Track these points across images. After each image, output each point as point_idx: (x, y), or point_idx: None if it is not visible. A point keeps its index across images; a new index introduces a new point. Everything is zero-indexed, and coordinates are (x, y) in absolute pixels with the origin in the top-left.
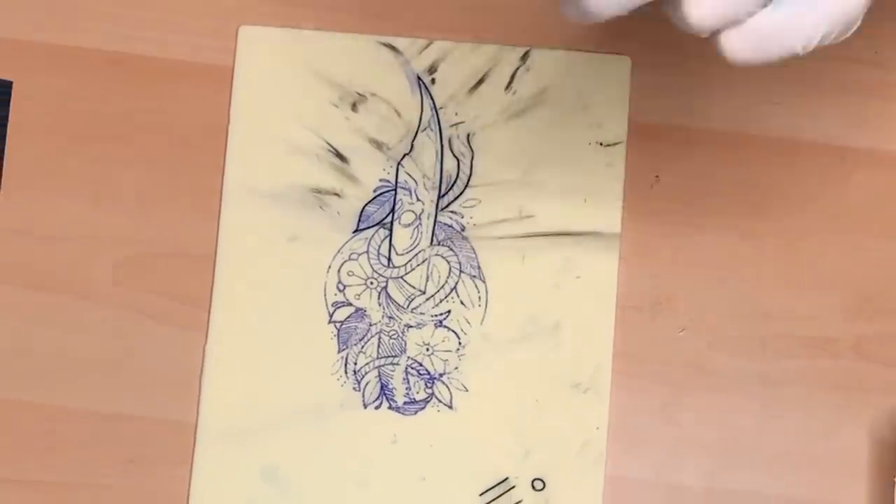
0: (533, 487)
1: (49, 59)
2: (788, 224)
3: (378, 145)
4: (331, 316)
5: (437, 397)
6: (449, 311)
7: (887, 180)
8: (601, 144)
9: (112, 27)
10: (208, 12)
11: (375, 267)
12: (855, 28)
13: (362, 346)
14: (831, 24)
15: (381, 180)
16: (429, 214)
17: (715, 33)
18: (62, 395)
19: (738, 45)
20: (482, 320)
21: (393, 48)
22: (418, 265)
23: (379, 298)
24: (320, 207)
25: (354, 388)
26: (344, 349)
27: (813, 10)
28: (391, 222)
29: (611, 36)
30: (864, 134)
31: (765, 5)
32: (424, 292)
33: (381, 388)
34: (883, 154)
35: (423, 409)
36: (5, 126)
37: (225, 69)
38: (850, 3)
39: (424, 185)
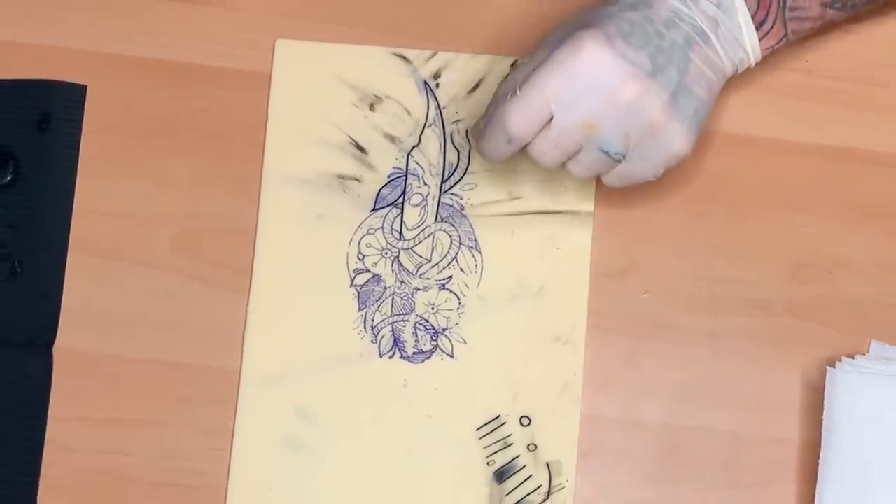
0: (521, 424)
1: (117, 67)
2: (733, 204)
3: (391, 139)
4: (352, 280)
5: (440, 348)
6: (451, 277)
7: (815, 167)
8: None
9: (170, 41)
10: (250, 28)
11: (389, 240)
12: (685, 159)
13: (378, 306)
14: (667, 164)
15: (393, 168)
16: (434, 196)
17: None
18: (128, 347)
19: (610, 181)
20: (478, 284)
21: (404, 58)
22: (425, 238)
23: (392, 266)
24: (343, 190)
25: (372, 341)
26: (363, 308)
27: (650, 161)
28: (402, 203)
29: None
30: (796, 129)
31: (617, 162)
32: (430, 261)
33: (394, 340)
34: (811, 146)
35: (429, 358)
36: (81, 123)
37: (264, 76)
38: (674, 152)
39: (430, 171)
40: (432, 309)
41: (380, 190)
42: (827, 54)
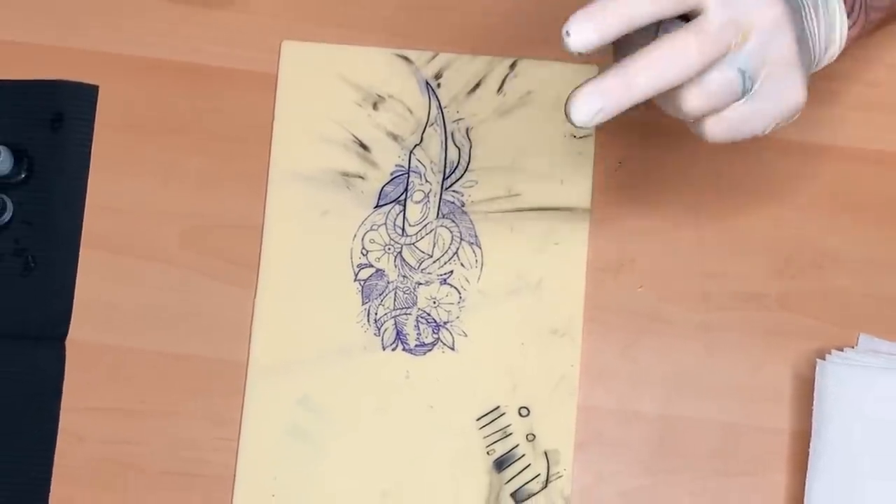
0: (519, 414)
1: (128, 68)
2: (724, 201)
3: (394, 137)
4: (356, 275)
5: (442, 341)
6: (452, 271)
7: (804, 164)
8: (574, 137)
9: (179, 42)
10: (257, 30)
11: (392, 235)
12: (797, 116)
13: (381, 300)
14: (783, 115)
15: (396, 165)
16: (435, 193)
17: (698, 119)
18: (138, 339)
19: (716, 130)
20: (478, 278)
21: (406, 59)
22: (427, 234)
23: (395, 261)
24: (347, 187)
25: (375, 334)
26: (367, 302)
27: (771, 105)
28: (405, 200)
29: None
30: (786, 128)
31: (743, 95)
32: (432, 256)
33: (397, 333)
34: (800, 143)
35: (430, 350)
36: (93, 122)
37: (270, 76)
38: (794, 101)
39: (432, 169)
40: (434, 303)
41: (383, 187)
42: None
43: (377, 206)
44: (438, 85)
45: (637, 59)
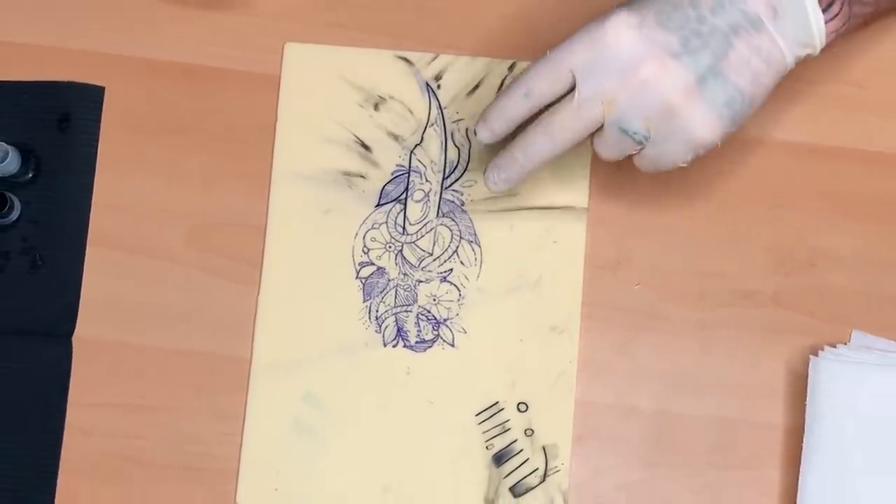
0: (518, 409)
1: (134, 69)
2: (720, 200)
3: (395, 137)
4: (357, 273)
5: (442, 338)
6: (451, 269)
7: (798, 164)
8: None
9: (184, 44)
10: (260, 32)
11: (393, 234)
12: (720, 142)
13: (382, 297)
14: (692, 149)
15: (397, 165)
16: (435, 192)
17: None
18: (144, 336)
19: (641, 164)
20: (478, 276)
21: (407, 60)
22: (427, 232)
23: (396, 259)
24: (349, 187)
25: (376, 331)
26: (368, 299)
27: (672, 146)
28: (405, 199)
29: None
30: (779, 128)
31: (641, 147)
32: (432, 254)
33: (398, 330)
34: (794, 144)
35: (430, 347)
36: (99, 122)
37: (273, 77)
38: (700, 136)
39: (432, 169)
40: (434, 300)
41: (384, 186)
42: (809, 59)
43: (378, 205)
44: (438, 86)
45: (517, 141)
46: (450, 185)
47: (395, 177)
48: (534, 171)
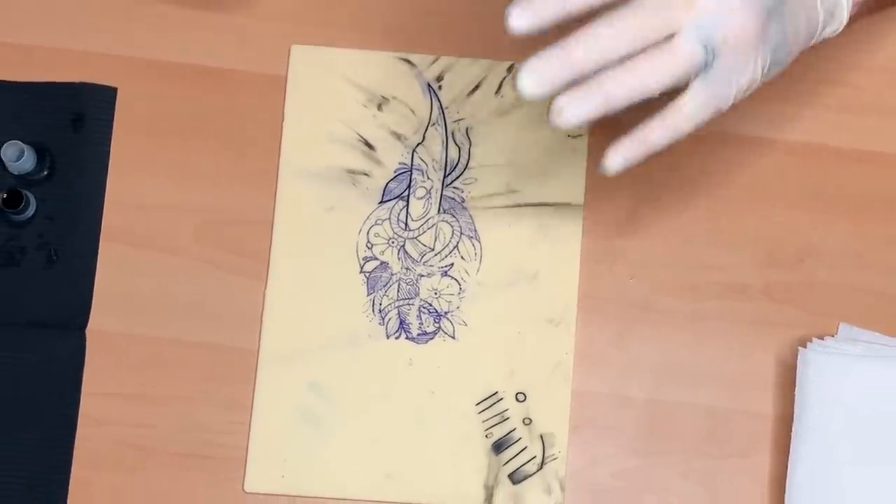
0: (516, 399)
1: (145, 70)
2: (712, 197)
3: (398, 136)
4: (361, 267)
5: (443, 330)
6: (452, 264)
7: (787, 162)
8: (568, 136)
9: (193, 46)
10: (267, 35)
11: (396, 230)
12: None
13: (385, 291)
14: (735, 93)
15: (399, 163)
16: (437, 190)
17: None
18: (155, 328)
19: (693, 104)
20: (478, 271)
21: (409, 62)
22: (429, 228)
23: (398, 254)
24: (353, 184)
25: (379, 323)
26: (371, 293)
27: (730, 78)
28: (408, 196)
29: None
30: (769, 127)
31: (705, 66)
32: (433, 249)
33: (400, 322)
34: (783, 142)
35: (432, 338)
36: (112, 122)
37: (280, 78)
38: (749, 75)
39: (433, 167)
40: (435, 294)
41: (387, 184)
42: (797, 59)
43: (381, 202)
44: (440, 87)
45: (577, 33)
46: (451, 183)
47: (398, 174)
48: (597, 94)
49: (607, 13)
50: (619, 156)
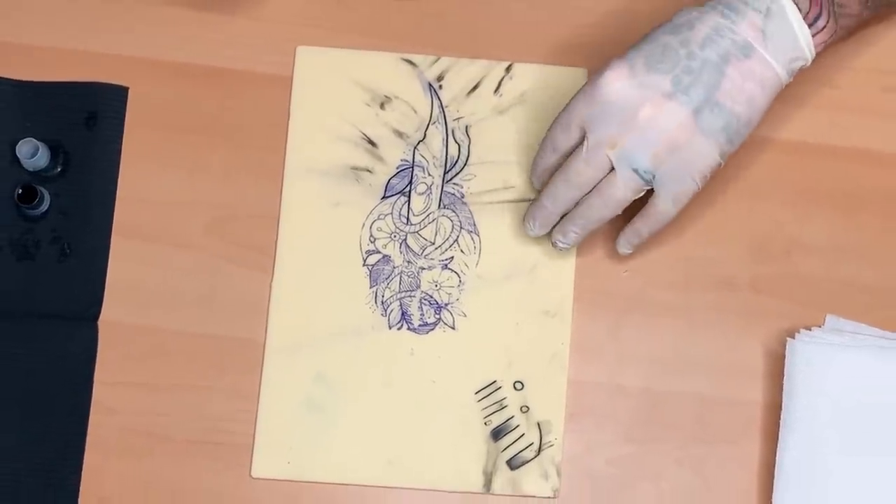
0: (514, 388)
1: (156, 71)
2: (703, 193)
3: (399, 134)
4: (364, 260)
5: (443, 321)
6: (452, 257)
7: (775, 160)
8: None
9: (203, 47)
10: (274, 37)
11: (398, 224)
12: (718, 167)
13: (388, 283)
14: (699, 175)
15: (401, 160)
16: (437, 186)
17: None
18: (165, 319)
19: (664, 205)
20: (477, 264)
21: (411, 62)
22: (429, 223)
23: (400, 248)
24: (357, 180)
25: (382, 314)
26: (374, 285)
27: (682, 175)
28: (409, 191)
29: (572, 54)
30: (758, 126)
31: (648, 183)
32: (434, 243)
33: (402, 314)
34: (771, 140)
35: (433, 329)
36: (124, 120)
37: (286, 79)
38: (702, 162)
39: (434, 163)
40: (436, 286)
41: (389, 180)
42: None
43: (384, 198)
44: (440, 86)
45: (544, 190)
46: (451, 179)
47: (400, 171)
48: (574, 225)
49: (562, 169)
50: (625, 245)
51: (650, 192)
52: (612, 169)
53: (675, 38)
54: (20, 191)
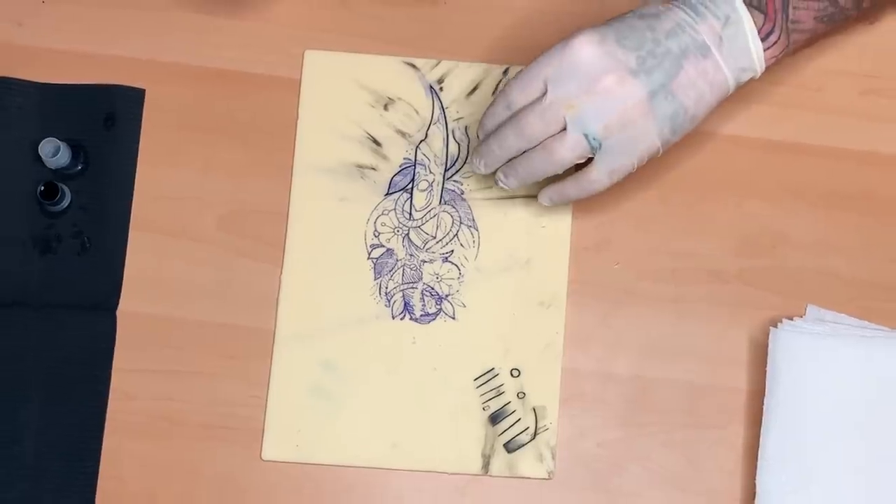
0: (511, 375)
1: (171, 73)
2: (691, 189)
3: (402, 134)
4: (369, 254)
5: (444, 311)
6: (452, 251)
7: (760, 158)
8: None
9: (216, 51)
10: (283, 41)
11: (401, 219)
12: (656, 154)
13: (391, 275)
14: (638, 157)
15: (404, 158)
16: (438, 183)
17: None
18: (180, 309)
19: (598, 175)
20: (476, 257)
21: (413, 66)
22: (431, 218)
23: (403, 241)
24: (361, 178)
25: (385, 305)
26: (378, 277)
27: (624, 152)
28: (412, 188)
29: None
30: (745, 126)
31: (594, 151)
32: (435, 237)
33: (405, 304)
34: (755, 140)
35: (434, 319)
36: (141, 121)
37: (294, 81)
38: (645, 145)
39: (435, 162)
40: (437, 278)
41: (393, 177)
42: (773, 65)
43: (388, 194)
44: (441, 88)
45: (494, 134)
46: (451, 177)
47: (403, 169)
48: (514, 172)
49: (514, 117)
50: (545, 197)
51: (588, 161)
52: (564, 129)
53: (644, 23)
54: (42, 188)
